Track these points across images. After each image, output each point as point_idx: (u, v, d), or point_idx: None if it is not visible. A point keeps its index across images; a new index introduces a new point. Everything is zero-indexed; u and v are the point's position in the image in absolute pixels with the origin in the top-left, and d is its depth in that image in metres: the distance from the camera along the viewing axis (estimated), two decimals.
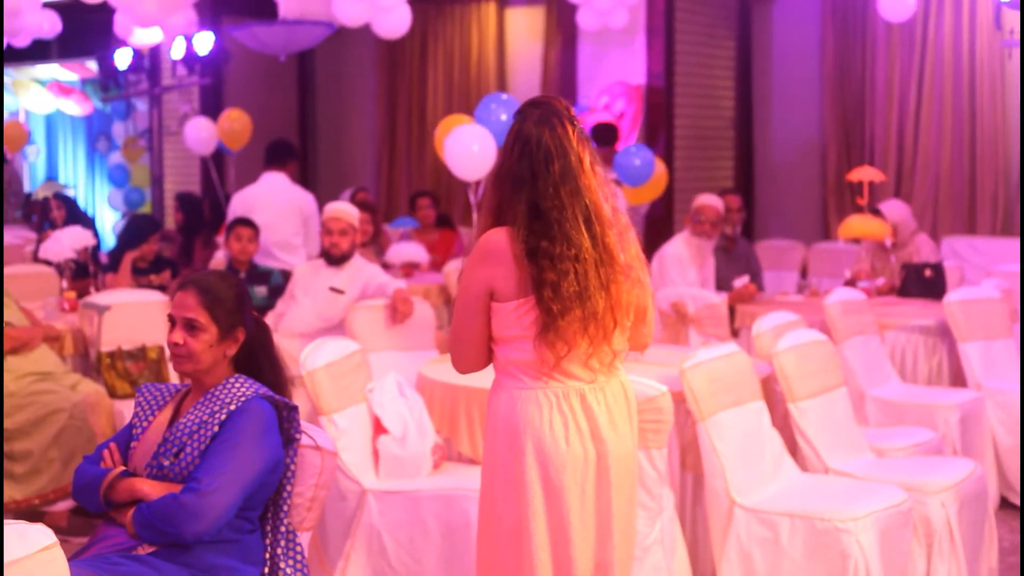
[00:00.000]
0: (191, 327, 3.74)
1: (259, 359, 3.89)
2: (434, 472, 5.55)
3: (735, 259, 9.10)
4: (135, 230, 9.18)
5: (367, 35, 11.00)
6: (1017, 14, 9.89)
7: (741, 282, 8.51)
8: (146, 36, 11.76)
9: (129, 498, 3.64)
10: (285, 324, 7.74)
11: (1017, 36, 10.17)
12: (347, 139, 16.08)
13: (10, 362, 6.80)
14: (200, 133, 12.37)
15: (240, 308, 3.82)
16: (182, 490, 3.56)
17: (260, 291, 8.16)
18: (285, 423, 3.79)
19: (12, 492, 6.61)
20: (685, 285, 8.45)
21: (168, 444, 3.67)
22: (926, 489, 5.26)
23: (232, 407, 3.67)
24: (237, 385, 3.74)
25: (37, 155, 17.44)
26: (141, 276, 8.88)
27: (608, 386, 3.60)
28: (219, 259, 10.09)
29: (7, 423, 6.64)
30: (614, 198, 3.63)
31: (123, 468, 3.70)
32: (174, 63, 14.45)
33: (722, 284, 8.72)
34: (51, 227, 11.02)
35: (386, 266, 10.24)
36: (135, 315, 7.39)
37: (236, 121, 11.83)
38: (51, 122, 17.50)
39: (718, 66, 12.62)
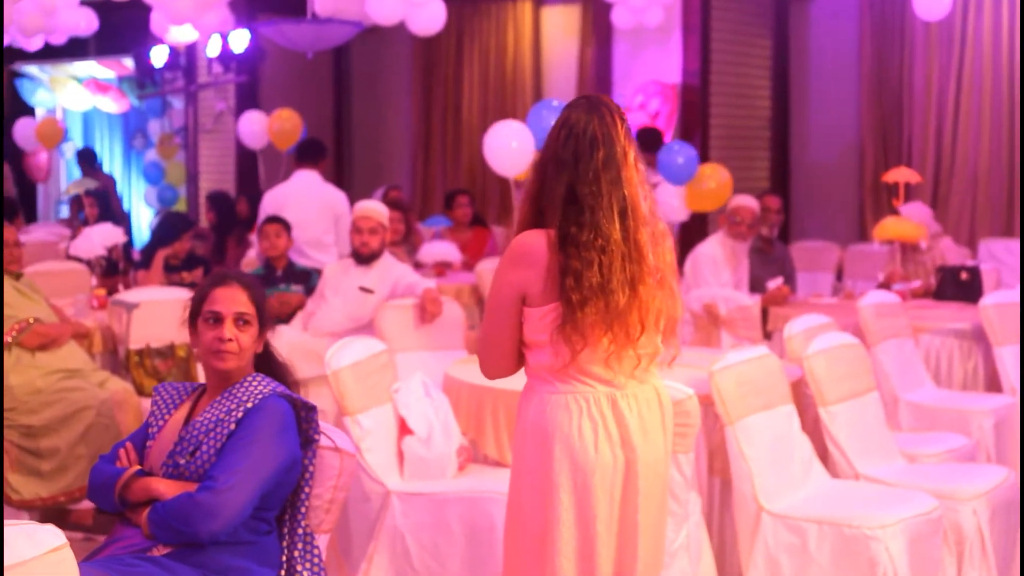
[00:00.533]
0: (243, 321, 3.72)
1: (275, 358, 3.86)
2: (459, 474, 5.50)
3: (771, 261, 9.01)
4: (168, 227, 9.18)
5: (403, 33, 10.97)
6: None
7: (775, 284, 8.43)
8: (181, 34, 11.78)
9: (145, 497, 3.60)
10: (315, 323, 7.71)
11: None
12: (383, 137, 16.06)
13: (39, 359, 6.79)
14: (252, 127, 12.35)
15: (267, 305, 3.82)
16: (198, 488, 3.52)
17: (296, 290, 8.13)
18: (304, 423, 3.74)
19: (38, 489, 6.60)
20: (718, 286, 8.38)
21: (184, 442, 3.63)
22: (958, 496, 5.18)
23: (249, 404, 3.63)
24: (255, 383, 3.71)
25: (73, 152, 17.48)
26: (173, 273, 8.88)
27: (641, 392, 3.53)
28: (251, 258, 10.08)
29: (34, 419, 6.64)
30: (653, 202, 3.55)
31: (138, 467, 3.67)
32: (210, 61, 14.45)
33: (756, 286, 8.64)
34: (84, 223, 11.06)
35: (418, 265, 10.20)
36: (164, 313, 7.36)
37: (287, 120, 11.81)
38: (88, 119, 17.55)
39: (754, 65, 12.52)
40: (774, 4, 12.64)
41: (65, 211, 15.47)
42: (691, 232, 10.79)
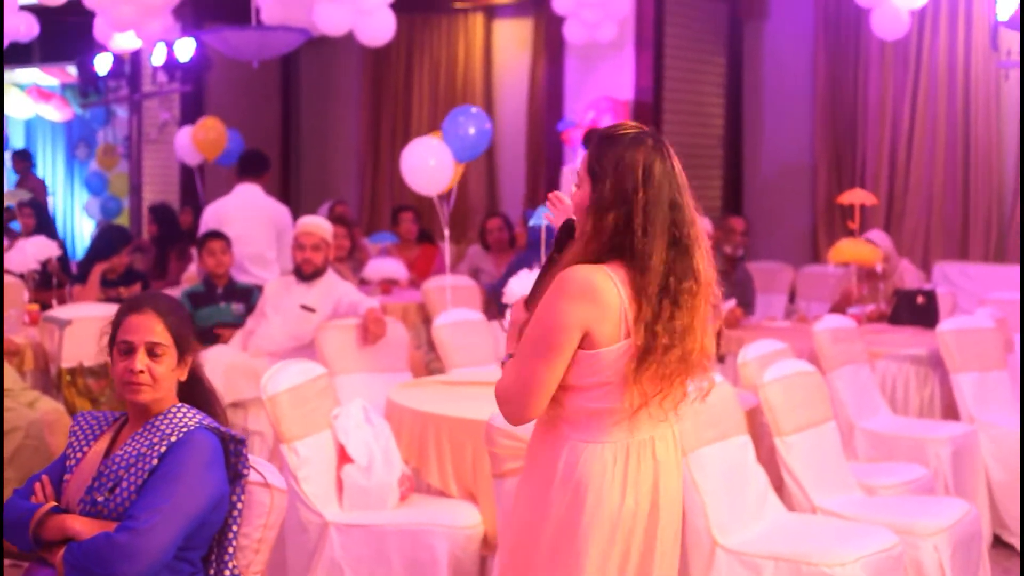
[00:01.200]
0: (154, 352, 3.46)
1: (203, 387, 3.61)
2: (401, 504, 5.29)
3: (732, 283, 8.80)
4: (106, 241, 8.92)
5: (352, 44, 10.73)
6: (1015, 34, 9.63)
7: (727, 306, 8.24)
8: (125, 41, 11.52)
9: (60, 536, 3.35)
10: (254, 342, 7.46)
11: (1015, 57, 9.91)
12: (331, 150, 15.83)
13: None
14: (186, 141, 12.07)
15: (190, 330, 3.56)
16: (116, 528, 3.28)
17: (237, 308, 7.87)
18: (232, 457, 3.51)
19: None
20: None
21: (103, 478, 3.39)
22: (918, 532, 5.01)
23: (173, 438, 3.39)
24: (179, 415, 3.47)
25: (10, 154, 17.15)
26: (110, 288, 8.62)
27: (665, 435, 3.34)
28: (192, 272, 9.81)
29: None
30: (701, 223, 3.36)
31: (54, 504, 3.42)
32: (155, 69, 14.17)
33: None
34: (19, 235, 10.77)
35: (364, 282, 9.97)
36: (98, 330, 7.07)
37: (212, 130, 11.53)
38: (30, 127, 17.21)
39: (707, 82, 12.37)
40: (728, 21, 12.49)
41: (17, 226, 15.17)
42: None
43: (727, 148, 12.65)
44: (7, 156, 15.66)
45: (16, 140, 17.25)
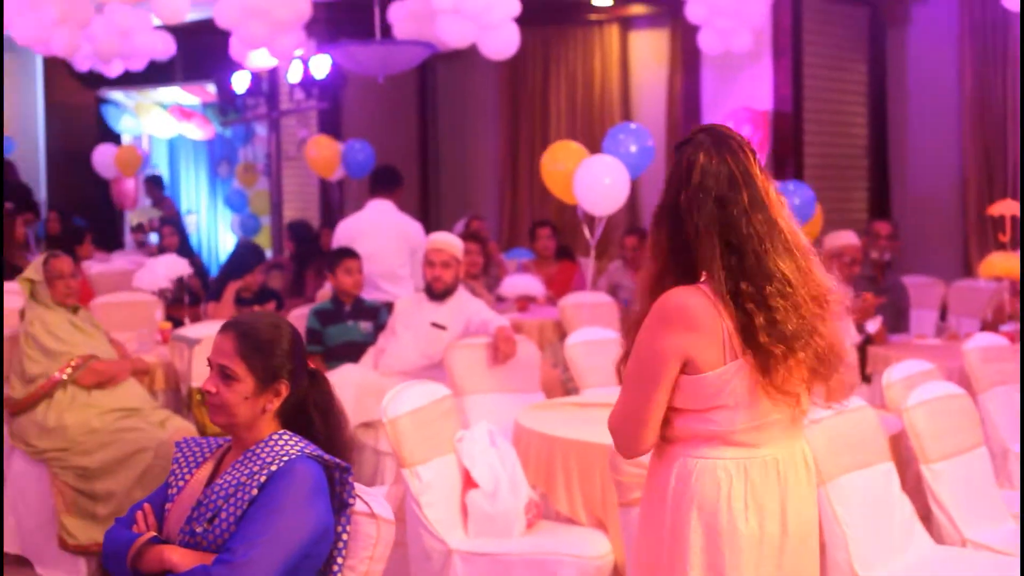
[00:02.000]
0: (225, 376, 3.33)
1: (310, 414, 3.45)
2: (527, 532, 5.10)
3: (882, 290, 8.47)
4: (240, 259, 8.90)
5: (490, 60, 10.58)
6: None
7: (874, 326, 7.92)
8: (260, 59, 11.53)
9: (158, 568, 3.23)
10: (385, 361, 7.35)
11: None
12: (469, 165, 15.75)
13: (95, 397, 6.52)
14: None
15: (288, 357, 3.39)
16: (214, 561, 3.14)
17: (366, 327, 7.75)
18: (337, 486, 3.35)
19: (94, 534, 6.32)
20: None
21: (202, 508, 3.26)
22: None
23: (273, 467, 3.24)
24: (281, 443, 3.32)
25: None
26: (244, 306, 8.59)
27: (790, 454, 3.16)
28: (327, 291, 9.75)
29: (89, 461, 6.36)
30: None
31: (153, 534, 3.30)
32: (292, 87, 14.22)
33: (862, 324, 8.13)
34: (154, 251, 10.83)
35: (500, 299, 9.83)
36: None
37: (325, 148, 11.50)
38: (173, 146, 17.40)
39: (849, 91, 12.00)
40: (869, 28, 12.12)
41: (155, 238, 15.34)
42: None
43: (872, 158, 12.27)
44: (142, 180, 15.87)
45: (160, 159, 17.45)
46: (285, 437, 3.34)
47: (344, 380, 6.94)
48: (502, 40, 9.31)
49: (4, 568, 6.51)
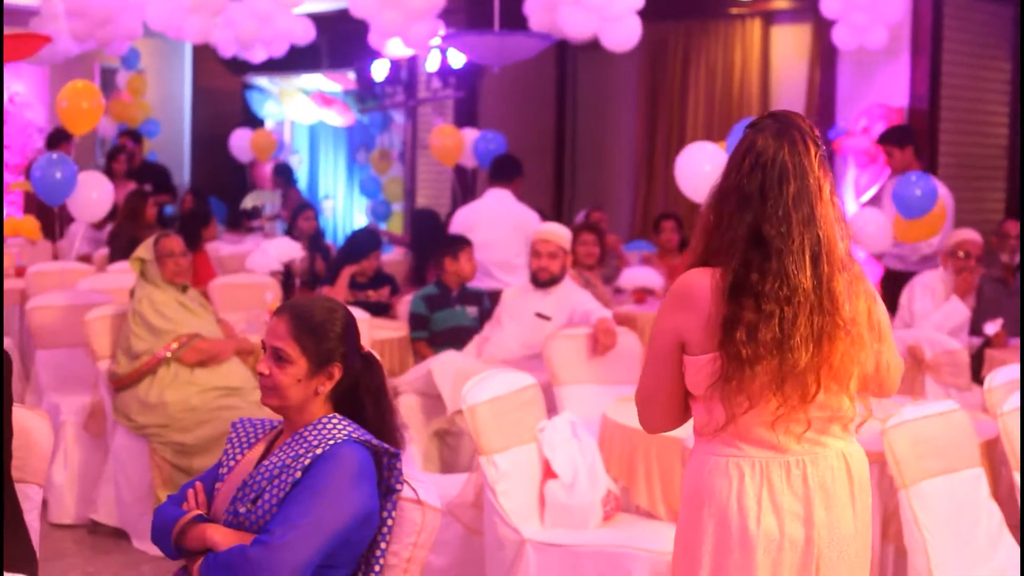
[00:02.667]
0: (278, 358, 3.33)
1: (362, 399, 3.43)
2: (604, 524, 5.04)
3: (1012, 293, 8.20)
4: (355, 244, 8.94)
5: (629, 52, 10.47)
6: None
7: (993, 327, 7.69)
8: (397, 47, 11.59)
9: (200, 546, 3.25)
10: (488, 349, 7.34)
11: None
12: (606, 157, 15.64)
13: (197, 375, 6.61)
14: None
15: (341, 341, 3.38)
16: (252, 541, 3.15)
17: (472, 312, 7.77)
18: (385, 471, 3.34)
19: None
20: (933, 319, 7.73)
21: (247, 488, 3.26)
22: None
23: (319, 451, 3.24)
24: (329, 427, 3.31)
25: (300, 165, 17.55)
26: (358, 291, 8.63)
27: (821, 458, 3.06)
28: None
29: (187, 438, 6.45)
30: (851, 241, 3.08)
31: (198, 512, 3.32)
32: (429, 76, 14.30)
33: (974, 327, 7.91)
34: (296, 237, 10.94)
35: (618, 291, 9.76)
36: None
37: (448, 137, 11.49)
38: (314, 132, 17.61)
39: (990, 88, 11.65)
40: (1013, 24, 11.75)
41: (278, 225, 15.53)
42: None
43: (1012, 158, 11.91)
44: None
45: (300, 144, 17.66)
46: (334, 421, 3.33)
47: (445, 366, 6.94)
48: (624, 32, 9.22)
49: (101, 539, 6.64)
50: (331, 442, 3.25)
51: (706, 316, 2.99)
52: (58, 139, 12.67)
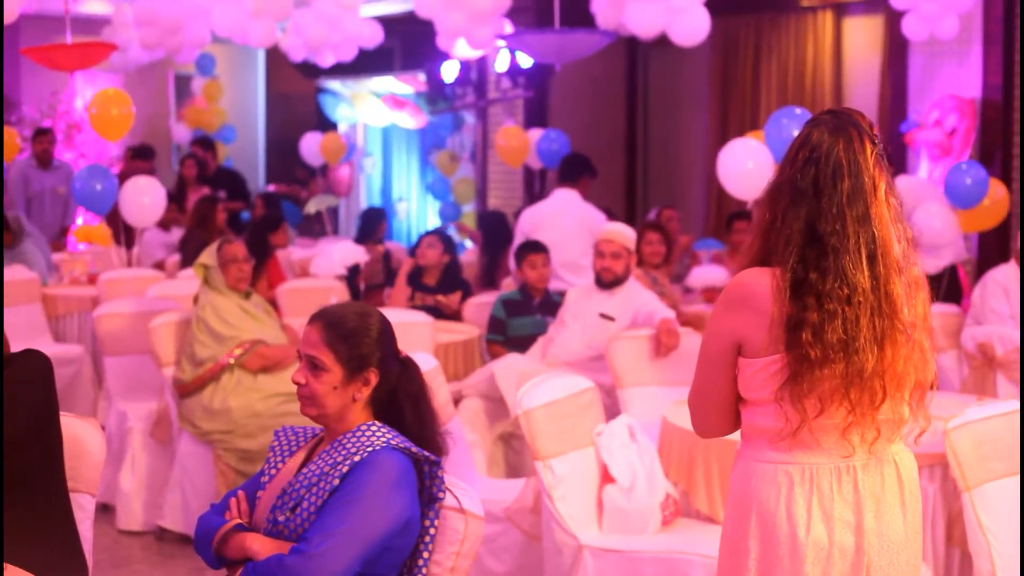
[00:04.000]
0: (313, 366, 3.32)
1: (400, 403, 3.41)
2: (663, 529, 4.99)
3: None
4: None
5: (701, 46, 10.38)
6: None
7: None
8: (465, 49, 11.58)
9: (240, 555, 3.24)
10: (552, 351, 7.29)
11: None
12: (678, 155, 15.54)
13: (260, 381, 6.63)
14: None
15: (376, 346, 3.36)
16: (290, 550, 3.14)
17: (550, 321, 7.70)
18: (426, 480, 3.31)
19: None
20: (1008, 317, 7.59)
21: (286, 497, 3.25)
22: None
23: (357, 458, 3.22)
24: (368, 434, 3.29)
25: (373, 167, 17.60)
26: (426, 294, 8.59)
27: (874, 465, 3.00)
28: (511, 281, 9.74)
29: (251, 444, 6.48)
30: (909, 244, 3.00)
31: (238, 521, 3.31)
32: (498, 76, 14.28)
33: None
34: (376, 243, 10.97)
35: (687, 290, 9.69)
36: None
37: (513, 137, 11.44)
38: (387, 134, 17.65)
39: None
40: None
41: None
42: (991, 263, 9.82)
43: None
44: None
45: (374, 147, 17.71)
46: (374, 428, 3.31)
47: (508, 369, 6.91)
48: (692, 26, 9.13)
49: (168, 545, 6.68)
50: (369, 449, 3.23)
51: (768, 317, 2.92)
52: (142, 153, 12.88)
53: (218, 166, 14.67)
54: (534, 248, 7.92)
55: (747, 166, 7.44)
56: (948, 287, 9.20)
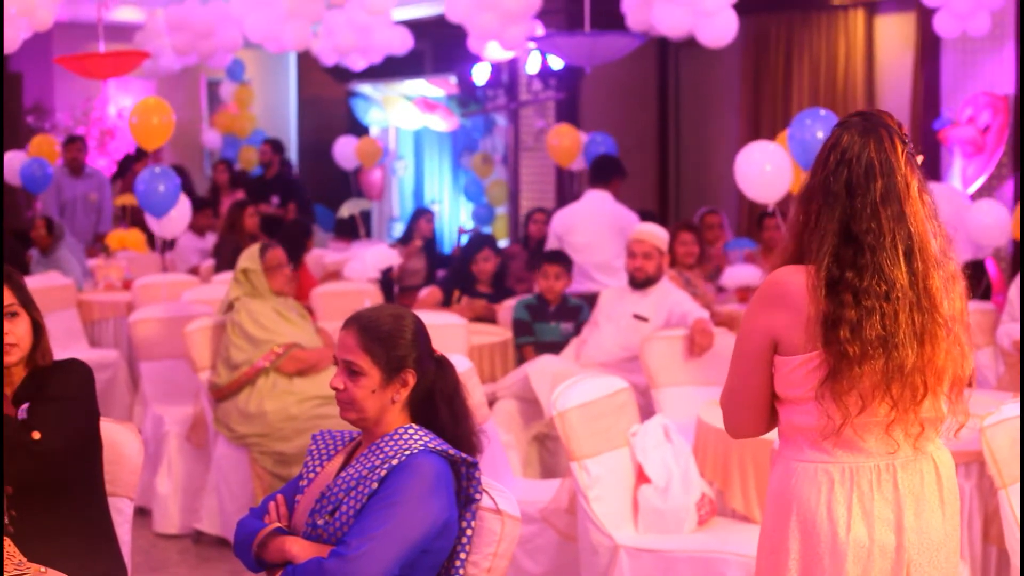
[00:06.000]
0: (351, 371, 3.33)
1: (436, 403, 3.42)
2: (699, 529, 4.99)
3: None
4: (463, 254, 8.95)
5: (732, 46, 10.35)
6: None
7: None
8: (495, 51, 11.59)
9: (280, 559, 3.26)
10: (586, 351, 7.30)
11: None
12: (710, 155, 15.52)
13: (296, 384, 6.65)
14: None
15: (412, 347, 3.37)
16: (329, 554, 3.15)
17: (566, 328, 7.72)
18: (464, 481, 3.32)
19: None
20: None
21: (325, 500, 3.27)
22: None
23: (395, 461, 3.23)
24: (406, 436, 3.30)
25: (405, 170, 17.64)
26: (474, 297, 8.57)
27: (913, 463, 3.00)
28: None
29: (287, 447, 6.49)
30: (945, 239, 3.01)
31: (278, 525, 3.33)
32: (529, 78, 14.29)
33: None
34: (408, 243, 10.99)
35: (721, 289, 9.66)
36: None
37: (565, 136, 11.42)
38: (419, 137, 17.69)
39: None
40: None
41: (399, 229, 15.54)
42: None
43: None
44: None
45: (406, 150, 17.75)
46: (411, 431, 3.32)
47: (542, 370, 6.92)
48: (720, 27, 9.11)
49: (205, 548, 6.71)
50: (407, 452, 3.25)
51: (804, 315, 2.93)
52: (134, 159, 12.94)
53: (278, 171, 14.49)
54: (551, 258, 7.94)
55: (765, 169, 7.41)
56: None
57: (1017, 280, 8.00)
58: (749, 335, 3.04)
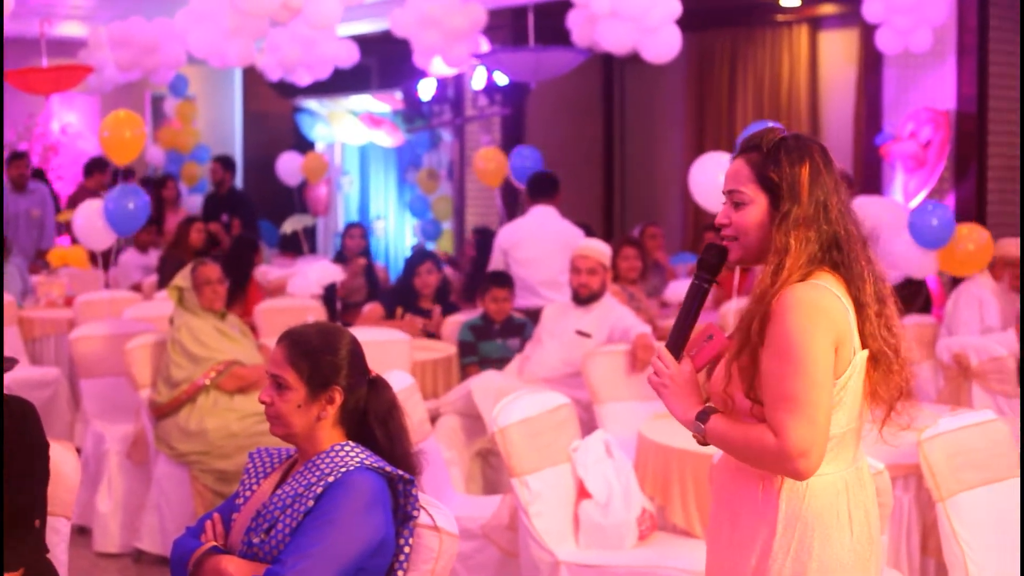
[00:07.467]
0: (278, 385, 3.33)
1: (371, 424, 3.41)
2: (640, 544, 5.00)
3: None
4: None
5: (676, 62, 10.38)
6: None
7: None
8: (440, 67, 11.59)
9: None
10: (530, 368, 7.30)
11: None
12: (654, 170, 15.59)
13: (236, 402, 6.63)
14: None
15: (341, 364, 3.35)
16: (264, 572, 3.13)
17: (512, 344, 7.73)
18: (401, 498, 3.31)
19: None
20: (980, 331, 7.62)
21: (260, 518, 3.25)
22: None
23: (331, 479, 3.21)
24: (342, 454, 3.29)
25: (351, 185, 17.60)
26: (423, 317, 8.55)
27: (866, 461, 3.15)
28: None
29: (227, 464, 6.47)
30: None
31: (213, 544, 3.31)
32: (475, 94, 14.29)
33: None
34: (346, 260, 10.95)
35: (664, 304, 9.70)
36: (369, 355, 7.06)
37: (490, 160, 11.43)
38: (364, 153, 17.66)
39: None
40: None
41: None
42: None
43: None
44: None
45: (351, 166, 17.71)
46: (347, 448, 3.30)
47: (485, 386, 6.91)
48: (663, 44, 9.14)
49: (146, 567, 6.66)
50: (343, 469, 3.23)
51: (849, 325, 2.96)
52: (93, 168, 12.83)
53: (230, 188, 14.37)
54: (498, 282, 7.95)
55: (718, 180, 7.42)
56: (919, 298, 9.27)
57: (955, 294, 8.07)
58: (820, 357, 2.89)
